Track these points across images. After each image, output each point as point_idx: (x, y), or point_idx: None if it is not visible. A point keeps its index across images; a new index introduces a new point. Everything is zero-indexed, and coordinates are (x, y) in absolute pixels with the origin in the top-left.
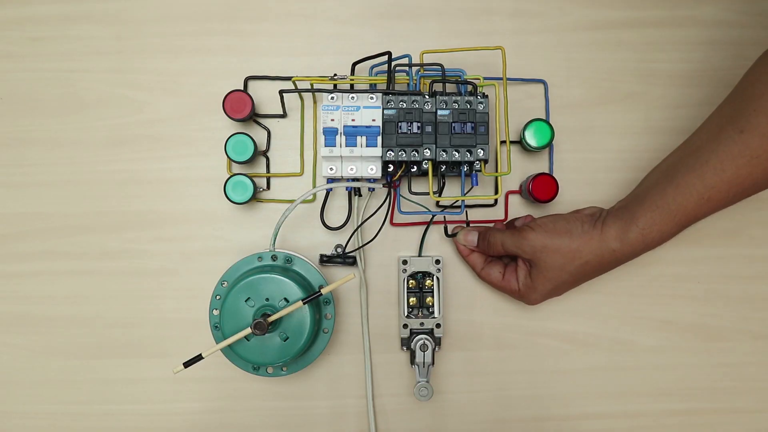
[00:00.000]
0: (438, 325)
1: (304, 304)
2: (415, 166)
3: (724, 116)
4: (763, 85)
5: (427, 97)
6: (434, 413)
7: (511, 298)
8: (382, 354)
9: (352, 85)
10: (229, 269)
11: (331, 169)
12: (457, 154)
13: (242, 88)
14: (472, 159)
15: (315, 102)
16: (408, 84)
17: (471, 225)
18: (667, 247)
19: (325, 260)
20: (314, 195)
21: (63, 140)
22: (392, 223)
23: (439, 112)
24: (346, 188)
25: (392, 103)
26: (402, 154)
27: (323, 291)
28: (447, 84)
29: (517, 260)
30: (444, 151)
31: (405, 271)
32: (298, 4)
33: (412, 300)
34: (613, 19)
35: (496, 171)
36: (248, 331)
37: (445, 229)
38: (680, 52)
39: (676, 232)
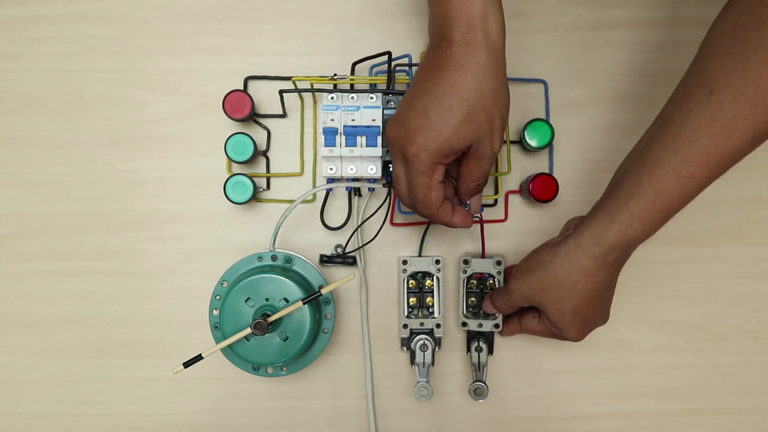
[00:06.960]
0: (438, 325)
1: (304, 304)
2: None
3: (690, 81)
4: (730, 39)
5: None
6: (434, 413)
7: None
8: (382, 354)
9: (352, 85)
10: (229, 269)
11: (331, 169)
12: None
13: (242, 88)
14: None
15: (315, 102)
16: (408, 84)
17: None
18: (667, 247)
19: (325, 260)
20: (314, 195)
21: (63, 140)
22: (392, 223)
23: None
24: (346, 188)
25: (392, 102)
26: None
27: (323, 291)
28: None
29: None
30: None
31: (405, 271)
32: (298, 4)
33: (412, 300)
34: (613, 19)
35: (496, 171)
36: (248, 331)
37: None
38: (680, 52)
39: (664, 221)
